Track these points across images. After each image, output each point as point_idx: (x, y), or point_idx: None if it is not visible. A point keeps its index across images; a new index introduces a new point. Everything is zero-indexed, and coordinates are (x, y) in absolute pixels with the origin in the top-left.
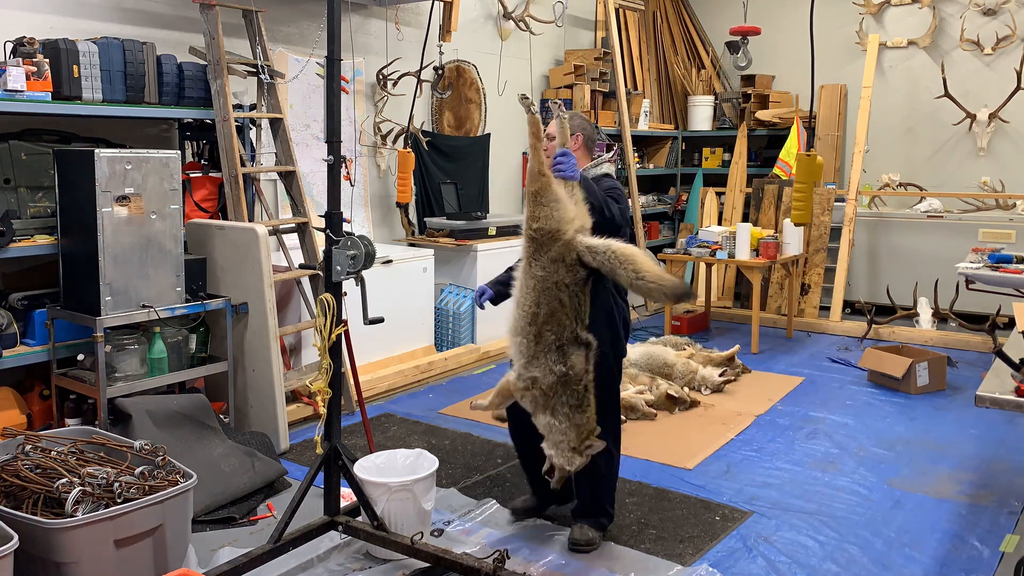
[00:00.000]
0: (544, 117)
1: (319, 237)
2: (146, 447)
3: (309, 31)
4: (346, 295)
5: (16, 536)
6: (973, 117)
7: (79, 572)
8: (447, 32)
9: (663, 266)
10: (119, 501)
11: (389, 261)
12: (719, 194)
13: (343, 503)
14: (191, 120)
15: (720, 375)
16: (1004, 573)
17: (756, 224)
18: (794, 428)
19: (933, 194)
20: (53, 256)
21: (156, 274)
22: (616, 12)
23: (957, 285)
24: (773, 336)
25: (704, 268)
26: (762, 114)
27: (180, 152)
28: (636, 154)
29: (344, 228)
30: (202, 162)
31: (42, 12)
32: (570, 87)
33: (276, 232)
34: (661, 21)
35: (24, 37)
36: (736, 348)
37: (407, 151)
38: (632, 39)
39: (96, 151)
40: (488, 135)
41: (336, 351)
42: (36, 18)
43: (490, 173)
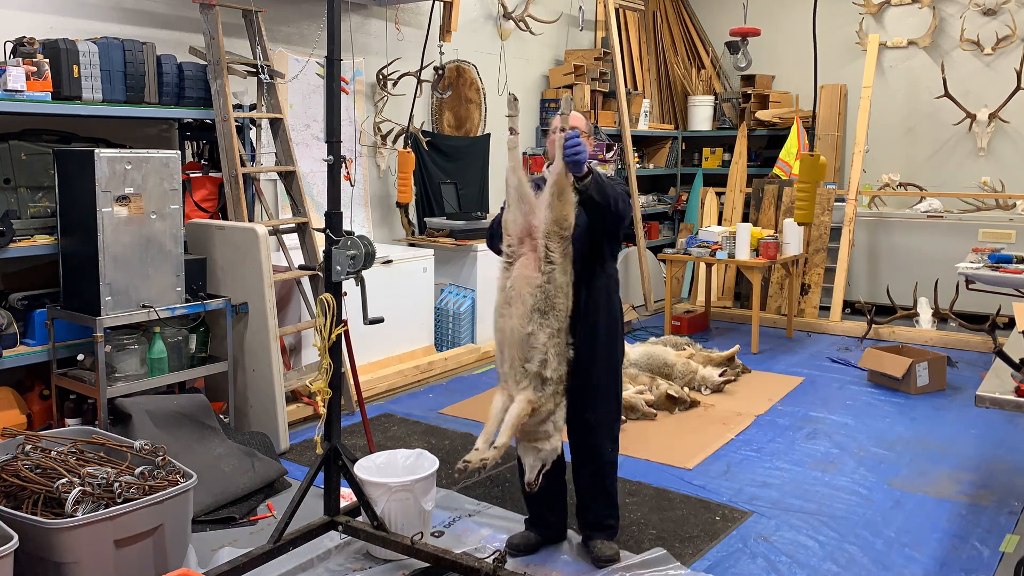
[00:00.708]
0: (558, 108)
1: (319, 237)
2: (146, 447)
3: (309, 31)
4: (346, 295)
5: (16, 536)
6: (973, 117)
7: (79, 572)
8: (447, 32)
9: (663, 267)
10: (119, 501)
11: (389, 261)
12: (719, 194)
13: (343, 503)
14: (191, 120)
15: (720, 375)
16: (1004, 573)
17: (756, 224)
18: (794, 428)
19: (933, 194)
20: (53, 256)
21: (156, 274)
22: (616, 12)
23: (957, 285)
24: (773, 336)
25: (704, 268)
26: (762, 114)
27: (180, 152)
28: (636, 154)
29: (344, 228)
30: (202, 162)
31: (42, 12)
32: (570, 87)
33: (276, 232)
34: (661, 21)
35: (24, 37)
36: (736, 348)
37: (407, 151)
38: (632, 39)
39: (96, 151)
40: (488, 135)
41: (336, 351)
42: (36, 18)
43: (490, 173)
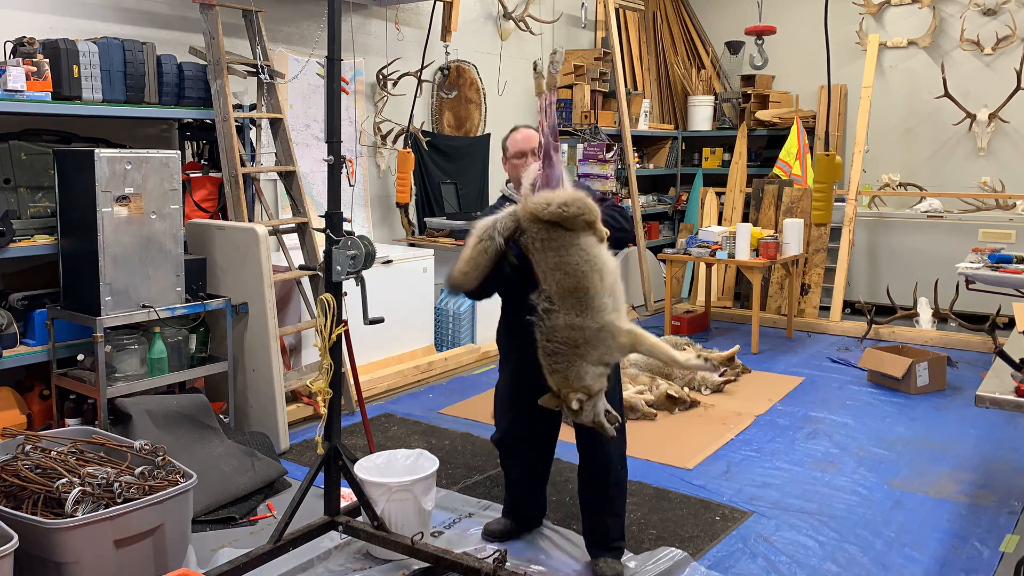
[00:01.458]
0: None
1: (319, 237)
2: (146, 447)
3: (309, 31)
4: (346, 295)
5: (16, 536)
6: (973, 117)
7: (79, 572)
8: (447, 32)
9: (663, 267)
10: (119, 501)
11: (389, 261)
12: (719, 194)
13: (343, 503)
14: (191, 120)
15: (720, 375)
16: (1004, 573)
17: (756, 224)
18: (794, 428)
19: (933, 194)
20: (53, 256)
21: (156, 274)
22: (616, 12)
23: (957, 285)
24: (773, 336)
25: (704, 268)
26: (762, 114)
27: (180, 152)
28: (636, 154)
29: (344, 228)
30: (202, 162)
31: (42, 12)
32: (570, 87)
33: (276, 232)
34: (661, 21)
35: (24, 37)
36: (736, 348)
37: (406, 151)
38: (632, 39)
39: (96, 151)
40: (488, 135)
41: (336, 351)
42: (36, 18)
43: (490, 173)
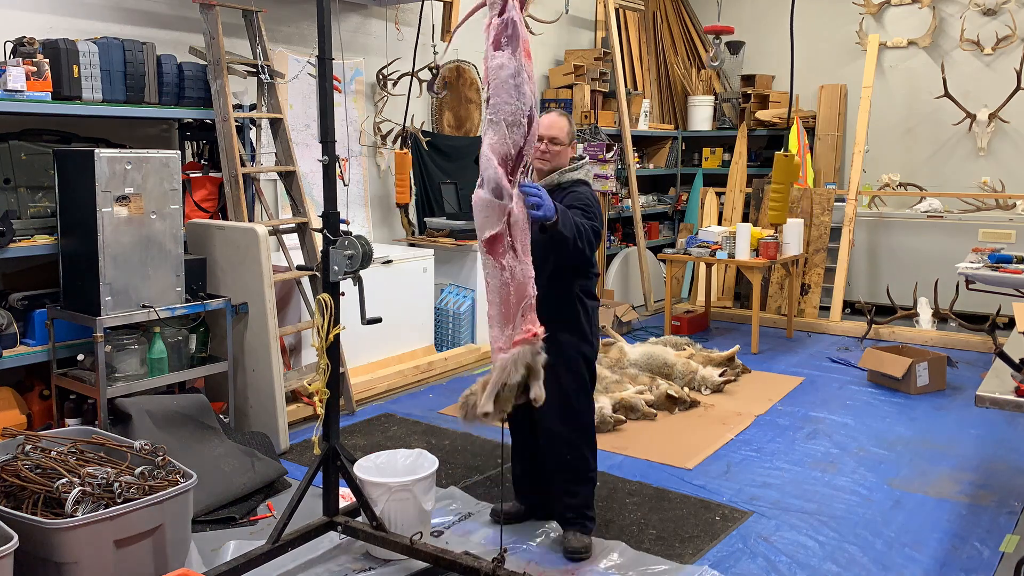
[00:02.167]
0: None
1: (319, 237)
2: (146, 447)
3: (309, 31)
4: (344, 295)
5: (16, 536)
6: (973, 117)
7: (79, 572)
8: (447, 32)
9: (663, 267)
10: (119, 501)
11: (389, 261)
12: (719, 194)
13: (343, 503)
14: (191, 120)
15: (720, 375)
16: (1004, 573)
17: (756, 224)
18: (794, 428)
19: (933, 194)
20: (53, 256)
21: (156, 274)
22: (616, 12)
23: (957, 285)
24: (773, 336)
25: (704, 268)
26: (762, 114)
27: (180, 152)
28: (636, 154)
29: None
30: (202, 162)
31: (42, 12)
32: (570, 87)
33: (276, 232)
34: (661, 21)
35: (24, 37)
36: (736, 348)
37: (403, 152)
38: (632, 39)
39: (96, 151)
40: None
41: (334, 351)
42: (36, 18)
43: None
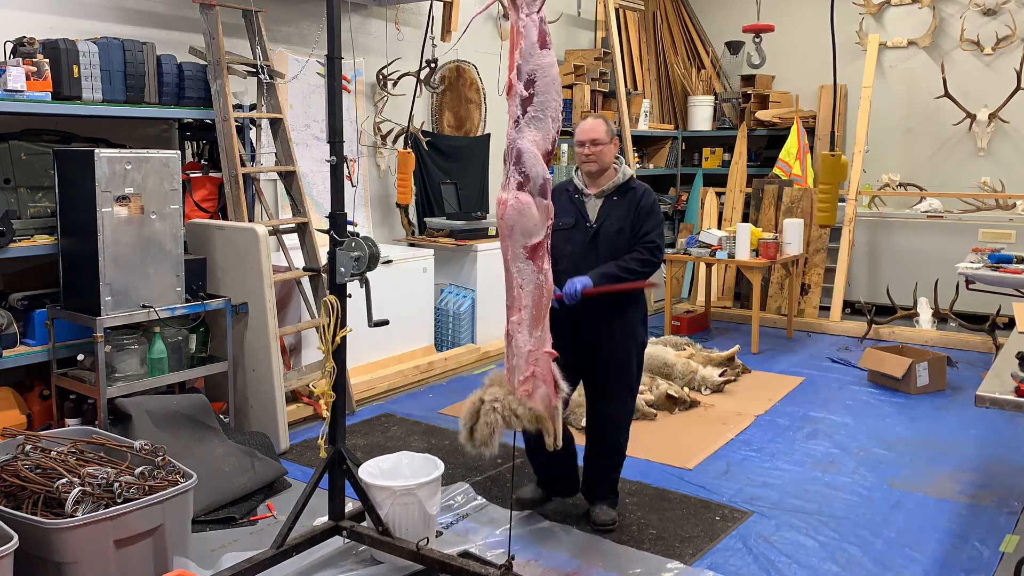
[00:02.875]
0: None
1: (319, 237)
2: (146, 447)
3: (309, 31)
4: (350, 296)
5: (16, 536)
6: (973, 117)
7: (79, 572)
8: (447, 32)
9: (663, 267)
10: (119, 501)
11: (389, 261)
12: (719, 194)
13: (347, 506)
14: (191, 120)
15: (720, 375)
16: (1004, 573)
17: (756, 224)
18: (794, 428)
19: (933, 194)
20: (53, 256)
21: (156, 274)
22: (616, 12)
23: (957, 285)
24: (773, 336)
25: (704, 268)
26: (762, 114)
27: (180, 152)
28: (636, 154)
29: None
30: (202, 162)
31: (42, 12)
32: (570, 87)
33: (276, 232)
34: (661, 21)
35: (24, 37)
36: (736, 348)
37: (407, 151)
38: (632, 39)
39: (96, 151)
40: (488, 135)
41: (340, 354)
42: (36, 18)
43: (490, 173)
